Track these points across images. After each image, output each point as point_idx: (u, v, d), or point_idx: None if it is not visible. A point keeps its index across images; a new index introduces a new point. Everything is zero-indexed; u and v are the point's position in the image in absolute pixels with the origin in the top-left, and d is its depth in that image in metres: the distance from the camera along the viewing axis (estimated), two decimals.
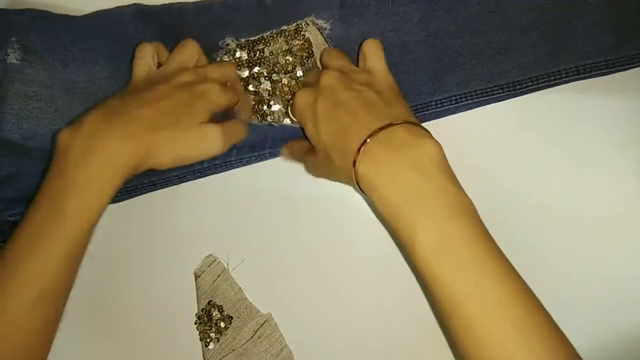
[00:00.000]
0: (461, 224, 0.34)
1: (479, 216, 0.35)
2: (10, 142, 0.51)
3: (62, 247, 0.36)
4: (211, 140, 0.42)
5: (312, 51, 0.50)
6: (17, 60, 0.50)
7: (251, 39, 0.50)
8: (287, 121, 0.50)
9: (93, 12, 0.52)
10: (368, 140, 0.35)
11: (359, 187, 0.37)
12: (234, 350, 0.51)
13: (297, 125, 0.49)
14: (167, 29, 0.51)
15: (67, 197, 0.36)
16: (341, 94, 0.38)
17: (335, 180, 0.46)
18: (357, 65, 0.45)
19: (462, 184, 0.42)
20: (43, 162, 0.51)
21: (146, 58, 0.44)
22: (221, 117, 0.46)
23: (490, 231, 0.38)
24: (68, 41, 0.51)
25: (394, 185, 0.35)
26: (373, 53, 0.43)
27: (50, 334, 0.39)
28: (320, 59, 0.48)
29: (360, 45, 0.45)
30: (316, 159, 0.42)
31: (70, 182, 0.36)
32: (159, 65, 0.46)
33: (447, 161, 0.36)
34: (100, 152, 0.37)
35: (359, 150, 0.35)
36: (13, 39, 0.50)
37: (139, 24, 0.51)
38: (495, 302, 0.32)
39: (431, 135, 0.37)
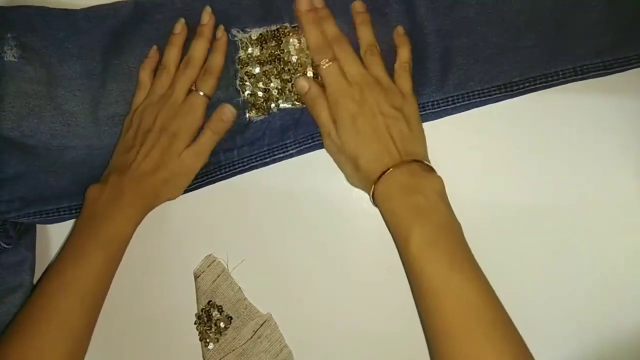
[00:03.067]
0: (448, 235, 0.42)
1: (463, 235, 0.43)
2: (15, 141, 0.51)
3: (100, 261, 0.46)
4: (196, 162, 0.50)
5: None
6: (15, 58, 0.50)
7: (263, 30, 0.50)
8: (285, 105, 0.51)
9: (92, 7, 0.51)
10: (391, 169, 0.44)
11: (373, 197, 0.45)
12: (234, 350, 0.51)
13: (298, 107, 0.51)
14: (168, 24, 0.51)
15: (101, 229, 0.46)
16: (380, 120, 0.46)
17: (343, 172, 0.50)
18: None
19: (459, 184, 0.47)
20: (47, 160, 0.51)
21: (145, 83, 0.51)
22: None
23: (488, 231, 0.48)
24: (64, 37, 0.51)
25: (402, 202, 0.43)
26: (403, 73, 0.49)
27: (88, 336, 0.46)
28: (361, 52, 0.49)
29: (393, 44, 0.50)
30: (337, 147, 0.48)
31: (101, 222, 0.47)
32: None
33: (445, 193, 0.45)
34: (120, 207, 0.47)
35: (382, 173, 0.44)
36: (9, 35, 0.50)
37: (139, 18, 0.51)
38: (464, 298, 0.39)
39: (436, 172, 0.46)
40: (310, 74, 0.50)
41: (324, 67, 0.48)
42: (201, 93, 0.49)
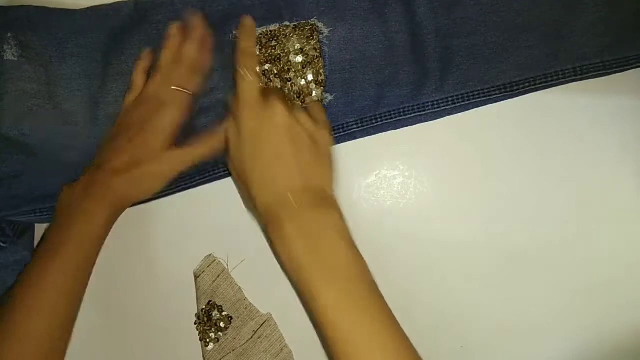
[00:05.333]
0: (354, 282, 0.42)
1: (369, 273, 0.42)
2: (13, 140, 0.51)
3: (74, 254, 0.45)
4: (176, 167, 0.49)
5: (324, 50, 0.50)
6: (15, 57, 0.50)
7: (264, 30, 0.50)
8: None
9: (92, 7, 0.51)
10: (290, 195, 0.43)
11: (267, 228, 0.44)
12: (234, 350, 0.51)
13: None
14: (168, 24, 0.51)
15: (72, 223, 0.46)
16: (288, 145, 0.44)
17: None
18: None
19: (459, 186, 0.48)
20: (46, 159, 0.51)
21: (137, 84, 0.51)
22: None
23: (487, 232, 0.49)
24: (64, 37, 0.51)
25: (303, 252, 0.42)
26: (315, 105, 0.49)
27: (68, 332, 0.45)
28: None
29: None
30: (234, 167, 0.47)
31: (72, 216, 0.46)
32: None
33: (347, 226, 0.44)
34: (91, 200, 0.46)
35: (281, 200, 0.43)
36: (9, 34, 0.50)
37: (139, 19, 0.51)
38: (375, 344, 0.40)
39: (338, 204, 0.45)
40: (310, 77, 0.50)
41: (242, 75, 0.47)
42: (185, 90, 0.49)
